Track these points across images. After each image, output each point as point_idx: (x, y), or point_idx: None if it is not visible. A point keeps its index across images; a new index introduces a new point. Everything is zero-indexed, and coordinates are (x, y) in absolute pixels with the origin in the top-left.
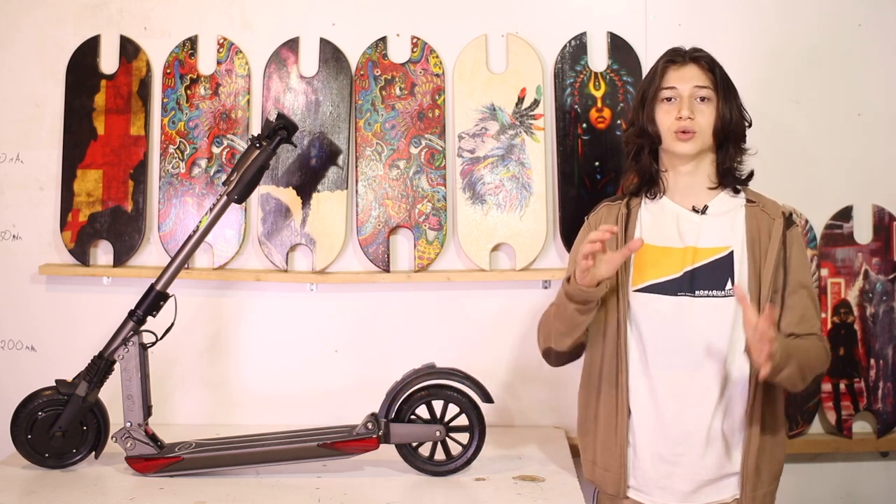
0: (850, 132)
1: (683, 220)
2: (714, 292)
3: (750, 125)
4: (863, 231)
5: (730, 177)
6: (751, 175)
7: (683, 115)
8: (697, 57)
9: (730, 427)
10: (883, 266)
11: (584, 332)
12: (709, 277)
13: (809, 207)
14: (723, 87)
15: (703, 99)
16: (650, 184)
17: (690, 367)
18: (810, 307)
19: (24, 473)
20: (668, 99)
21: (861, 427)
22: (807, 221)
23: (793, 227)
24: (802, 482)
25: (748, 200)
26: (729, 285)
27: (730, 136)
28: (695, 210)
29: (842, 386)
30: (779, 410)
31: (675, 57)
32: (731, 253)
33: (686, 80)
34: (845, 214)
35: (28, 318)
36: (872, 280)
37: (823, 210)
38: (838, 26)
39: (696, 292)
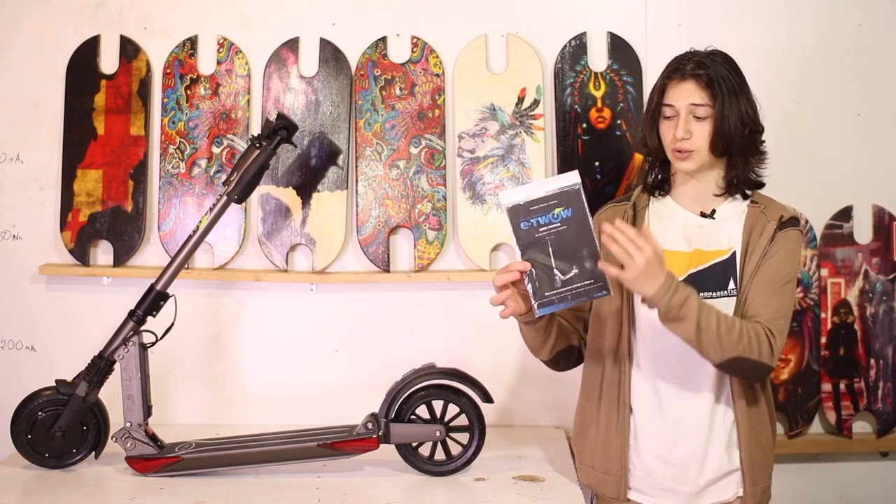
0: (850, 132)
1: (691, 224)
2: (717, 293)
3: (760, 132)
4: (863, 231)
5: (734, 186)
6: (759, 185)
7: (678, 135)
8: (697, 74)
9: (729, 425)
10: (883, 266)
11: (565, 338)
12: (711, 279)
13: (809, 207)
14: (720, 102)
15: (698, 117)
16: (662, 183)
17: (693, 368)
18: (769, 298)
19: (24, 473)
20: (668, 117)
21: (861, 427)
22: (807, 221)
23: (788, 230)
24: (802, 482)
25: (752, 202)
26: (731, 285)
27: (733, 148)
28: (703, 215)
29: (842, 386)
30: (768, 405)
31: (674, 73)
32: (734, 254)
33: (682, 97)
34: (845, 214)
35: (28, 318)
36: (872, 280)
37: (823, 210)
38: (838, 26)
39: (701, 294)
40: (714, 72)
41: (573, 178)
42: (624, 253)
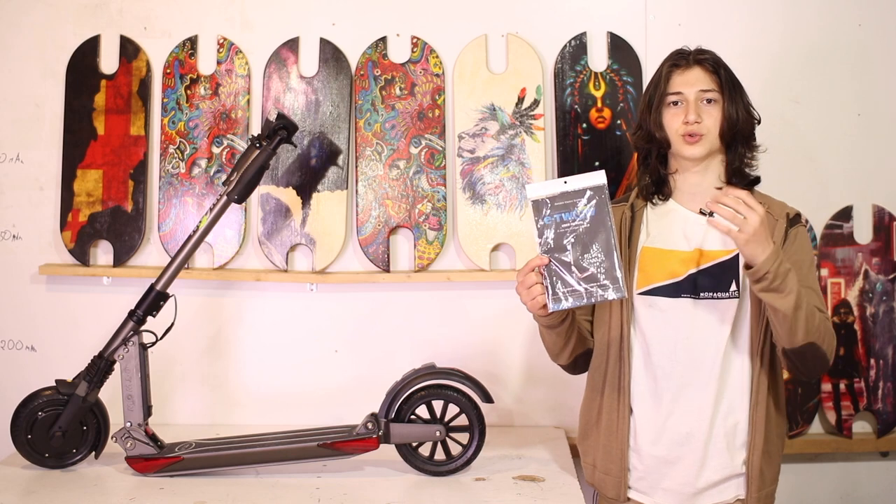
0: (850, 132)
1: (691, 222)
2: (718, 294)
3: (759, 123)
4: (863, 231)
5: (738, 176)
6: (757, 180)
7: (690, 119)
8: (702, 59)
9: (731, 428)
10: (883, 266)
11: (583, 342)
12: (713, 280)
13: (809, 207)
14: (728, 88)
15: (709, 101)
16: (659, 186)
17: (692, 369)
18: (817, 302)
19: (24, 473)
20: (675, 103)
21: (861, 427)
22: (807, 221)
23: (796, 227)
24: (802, 482)
25: None
26: (733, 286)
27: (737, 135)
28: (702, 213)
29: (842, 386)
30: (781, 410)
31: (679, 60)
32: (737, 255)
33: (691, 83)
34: (845, 214)
35: (28, 318)
36: (872, 280)
37: (823, 210)
38: (838, 26)
39: (701, 294)
40: (717, 59)
41: (600, 177)
42: (735, 214)
